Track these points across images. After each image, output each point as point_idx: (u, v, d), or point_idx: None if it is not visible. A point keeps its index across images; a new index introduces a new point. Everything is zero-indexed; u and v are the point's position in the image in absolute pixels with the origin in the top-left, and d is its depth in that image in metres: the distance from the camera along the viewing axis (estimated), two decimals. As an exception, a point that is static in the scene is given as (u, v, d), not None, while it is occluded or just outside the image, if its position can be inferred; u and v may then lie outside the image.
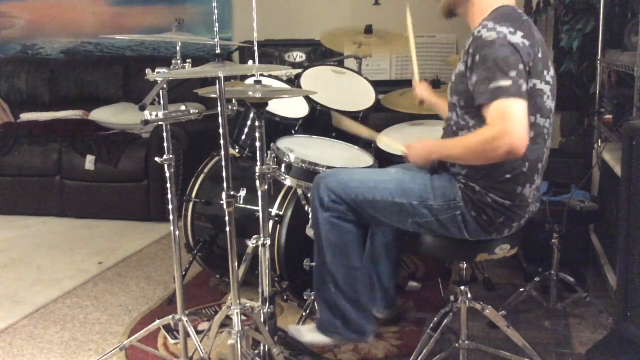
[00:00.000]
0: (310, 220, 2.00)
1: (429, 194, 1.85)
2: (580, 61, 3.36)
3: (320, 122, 2.66)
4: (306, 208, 2.35)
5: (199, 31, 4.65)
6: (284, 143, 2.33)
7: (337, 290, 1.99)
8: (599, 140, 3.04)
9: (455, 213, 1.82)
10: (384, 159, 2.40)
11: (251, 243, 1.92)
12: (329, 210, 1.94)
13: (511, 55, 1.62)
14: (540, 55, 1.70)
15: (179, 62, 1.94)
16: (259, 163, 1.86)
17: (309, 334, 2.09)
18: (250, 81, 2.46)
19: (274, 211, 2.46)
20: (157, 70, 1.79)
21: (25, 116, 4.69)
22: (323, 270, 2.01)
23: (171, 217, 1.99)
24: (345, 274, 1.98)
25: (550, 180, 2.50)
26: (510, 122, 1.60)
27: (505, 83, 1.60)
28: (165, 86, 1.86)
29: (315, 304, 2.15)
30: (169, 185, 1.96)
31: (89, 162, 4.00)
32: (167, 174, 1.96)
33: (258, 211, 1.94)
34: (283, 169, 2.22)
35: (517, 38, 1.65)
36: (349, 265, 1.99)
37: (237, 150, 2.66)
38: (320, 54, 4.04)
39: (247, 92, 1.88)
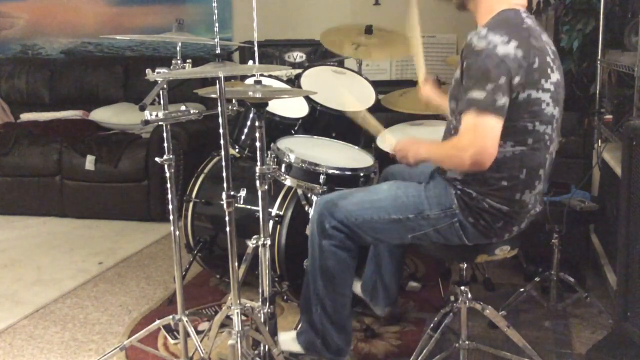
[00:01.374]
0: (309, 244, 2.01)
1: (424, 204, 1.84)
2: (580, 61, 3.36)
3: (320, 122, 2.66)
4: (306, 208, 2.35)
5: (199, 31, 4.65)
6: (284, 143, 2.33)
7: (322, 312, 2.00)
8: (599, 140, 3.04)
9: (452, 221, 1.81)
10: (383, 159, 2.40)
11: (251, 243, 1.92)
12: (328, 238, 1.94)
13: (495, 67, 1.60)
14: (536, 65, 1.66)
15: (179, 62, 1.94)
16: (259, 163, 1.86)
17: (287, 342, 2.10)
18: (250, 81, 2.47)
19: (274, 211, 2.46)
20: (157, 70, 1.79)
21: (25, 116, 4.70)
22: (312, 291, 2.02)
23: (171, 217, 1.99)
24: (333, 300, 1.99)
25: (550, 180, 2.50)
26: (475, 136, 1.62)
27: (479, 95, 1.61)
28: (165, 86, 1.86)
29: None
30: (169, 185, 1.96)
31: (89, 162, 4.00)
32: (167, 174, 1.96)
33: (258, 211, 1.94)
34: (283, 169, 2.22)
35: (509, 48, 1.62)
36: (338, 292, 2.00)
37: (237, 150, 2.66)
38: (320, 54, 4.04)
39: (247, 92, 1.88)
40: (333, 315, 2.01)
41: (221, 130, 1.66)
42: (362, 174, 2.25)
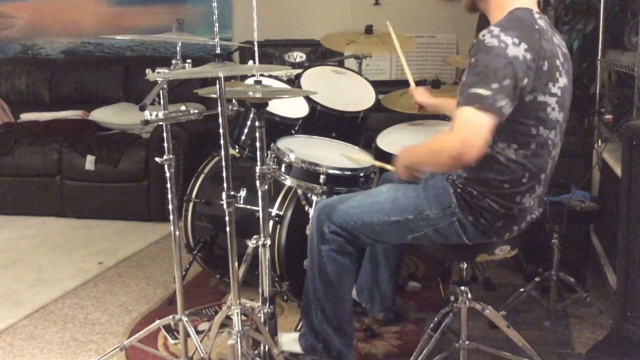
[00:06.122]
0: (308, 249, 2.02)
1: (424, 204, 1.84)
2: (580, 61, 3.36)
3: (320, 122, 2.66)
4: (306, 208, 2.35)
5: (199, 31, 4.65)
6: (284, 143, 2.33)
7: (323, 317, 2.00)
8: (599, 140, 3.04)
9: (452, 220, 1.80)
10: (383, 159, 2.40)
11: (251, 243, 1.92)
12: (327, 243, 1.94)
13: (503, 68, 1.57)
14: (545, 68, 1.63)
15: (179, 62, 1.94)
16: (259, 163, 1.86)
17: (288, 344, 2.09)
18: (250, 81, 2.47)
19: (274, 211, 2.46)
20: (157, 70, 1.79)
21: (25, 116, 4.69)
22: (312, 296, 2.01)
23: (171, 217, 1.99)
24: (333, 305, 1.99)
25: (551, 181, 2.50)
26: (468, 129, 1.54)
27: (484, 92, 1.55)
28: (165, 86, 1.86)
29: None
30: (169, 185, 1.96)
31: (89, 162, 4.00)
32: (167, 174, 1.96)
33: (258, 211, 1.94)
34: (283, 169, 2.22)
35: (519, 50, 1.58)
36: (339, 297, 2.00)
37: (237, 150, 2.66)
38: (320, 54, 4.04)
39: (247, 92, 1.89)
40: (334, 319, 2.00)
41: (221, 130, 1.66)
42: (362, 174, 2.25)
